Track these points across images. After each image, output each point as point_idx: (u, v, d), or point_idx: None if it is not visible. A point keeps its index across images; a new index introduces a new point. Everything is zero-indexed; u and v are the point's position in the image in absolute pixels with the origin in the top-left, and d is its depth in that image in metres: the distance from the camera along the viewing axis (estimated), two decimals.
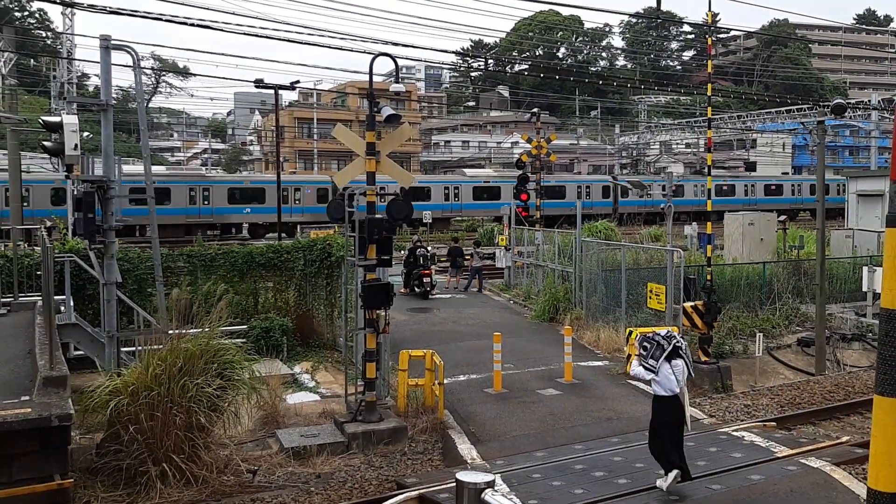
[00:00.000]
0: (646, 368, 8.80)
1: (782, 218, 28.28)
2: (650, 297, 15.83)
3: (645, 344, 8.98)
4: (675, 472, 8.58)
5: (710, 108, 17.29)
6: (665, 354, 8.71)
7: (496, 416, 12.16)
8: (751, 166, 72.72)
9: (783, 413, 13.10)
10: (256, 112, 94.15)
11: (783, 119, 60.07)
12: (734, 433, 11.06)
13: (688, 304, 15.04)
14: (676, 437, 8.67)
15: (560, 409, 12.46)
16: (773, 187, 60.25)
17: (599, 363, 15.53)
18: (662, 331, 9.46)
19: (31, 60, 58.05)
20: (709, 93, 16.99)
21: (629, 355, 14.48)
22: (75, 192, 17.06)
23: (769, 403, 13.62)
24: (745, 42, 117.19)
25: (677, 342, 8.76)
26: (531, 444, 10.95)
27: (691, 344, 15.33)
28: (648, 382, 9.00)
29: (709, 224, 16.52)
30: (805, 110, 55.71)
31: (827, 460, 9.66)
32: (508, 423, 11.82)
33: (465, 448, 10.75)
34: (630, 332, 14.55)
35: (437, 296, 24.29)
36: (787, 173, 69.54)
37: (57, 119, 12.43)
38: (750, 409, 13.12)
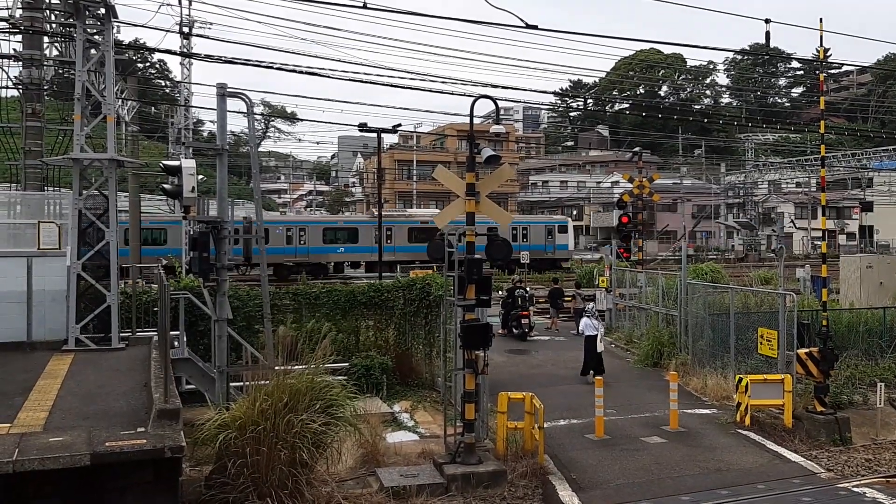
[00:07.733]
0: (577, 325, 18.45)
1: None
2: (761, 343, 15.18)
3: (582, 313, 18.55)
4: (591, 373, 16.65)
5: (823, 147, 16.61)
6: (583, 317, 17.43)
7: (598, 462, 11.84)
8: (867, 206, 69.09)
9: None
10: (359, 155, 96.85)
11: None
12: (854, 489, 10.44)
13: (802, 351, 14.33)
14: (596, 357, 17.06)
15: (665, 458, 12.03)
16: None
17: (707, 411, 14.93)
18: (591, 305, 19.57)
19: (152, 108, 61.74)
20: (822, 130, 16.35)
21: (739, 403, 13.91)
22: (191, 233, 17.87)
23: (893, 458, 12.78)
24: (858, 77, 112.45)
25: (590, 311, 17.75)
26: (635, 493, 10.61)
27: (806, 392, 14.61)
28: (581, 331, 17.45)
29: (824, 267, 15.76)
30: None
31: None
32: (611, 471, 11.49)
33: (567, 495, 10.51)
34: (740, 380, 13.97)
35: (536, 337, 24.06)
36: None
37: (176, 163, 13.07)
38: (871, 464, 12.34)
